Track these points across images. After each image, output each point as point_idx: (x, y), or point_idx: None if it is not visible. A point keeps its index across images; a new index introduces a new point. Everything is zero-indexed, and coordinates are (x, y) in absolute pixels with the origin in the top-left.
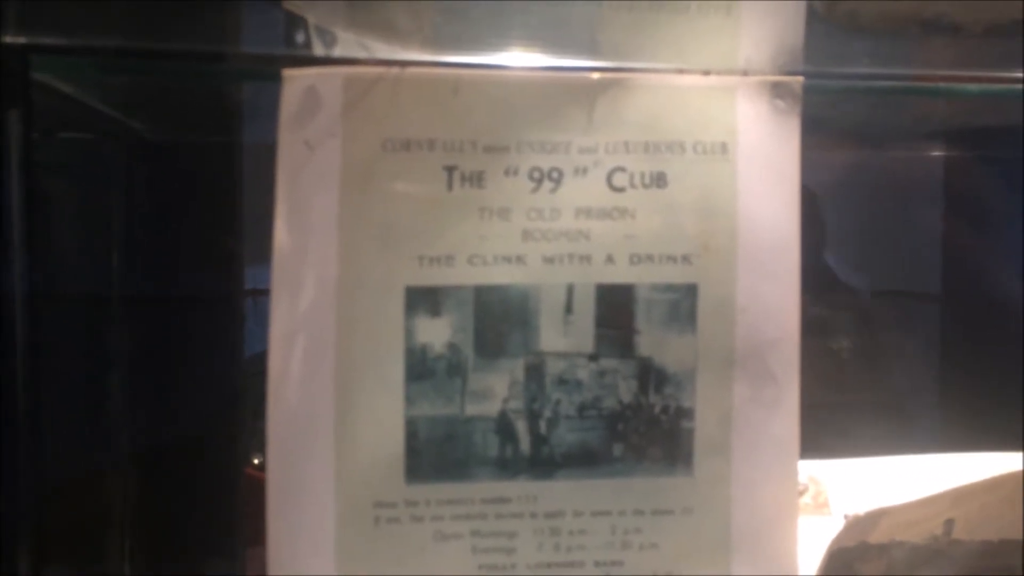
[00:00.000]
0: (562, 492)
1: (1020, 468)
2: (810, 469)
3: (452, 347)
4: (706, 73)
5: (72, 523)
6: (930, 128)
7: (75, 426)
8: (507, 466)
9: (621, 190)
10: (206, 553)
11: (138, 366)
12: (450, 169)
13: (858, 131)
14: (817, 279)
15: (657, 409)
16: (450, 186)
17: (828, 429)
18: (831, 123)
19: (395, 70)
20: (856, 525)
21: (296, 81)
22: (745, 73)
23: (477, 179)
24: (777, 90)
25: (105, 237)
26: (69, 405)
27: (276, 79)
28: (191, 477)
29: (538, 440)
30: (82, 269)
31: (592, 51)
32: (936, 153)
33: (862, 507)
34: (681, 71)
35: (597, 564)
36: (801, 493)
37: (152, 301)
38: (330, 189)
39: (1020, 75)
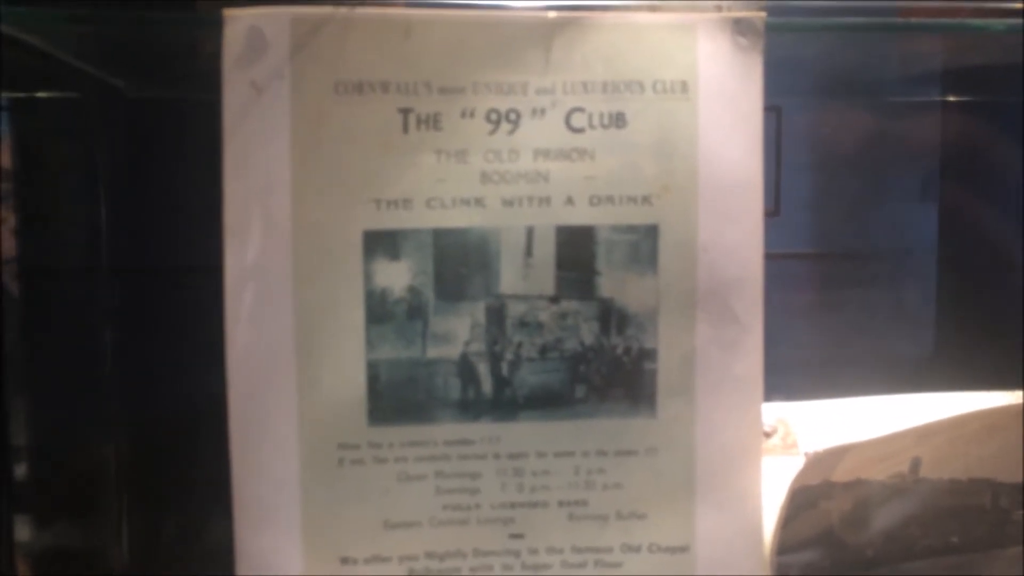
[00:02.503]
0: (525, 433)
1: (986, 406)
2: (779, 411)
3: (412, 290)
4: (665, 10)
5: (69, 486)
6: (918, 71)
7: (72, 395)
8: (469, 408)
9: (580, 131)
10: (202, 511)
11: (130, 333)
12: (405, 112)
13: (845, 77)
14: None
15: (619, 350)
16: (406, 129)
17: (818, 378)
18: (813, 68)
19: (344, 10)
20: (818, 463)
21: (239, 21)
22: (717, 9)
23: (433, 121)
24: (738, 26)
25: (92, 196)
26: (63, 373)
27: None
28: (186, 439)
29: (500, 382)
30: (71, 232)
31: None
32: (924, 98)
33: (827, 446)
34: (639, 8)
35: (561, 504)
36: (770, 435)
37: (142, 266)
38: (280, 132)
39: (1018, 6)
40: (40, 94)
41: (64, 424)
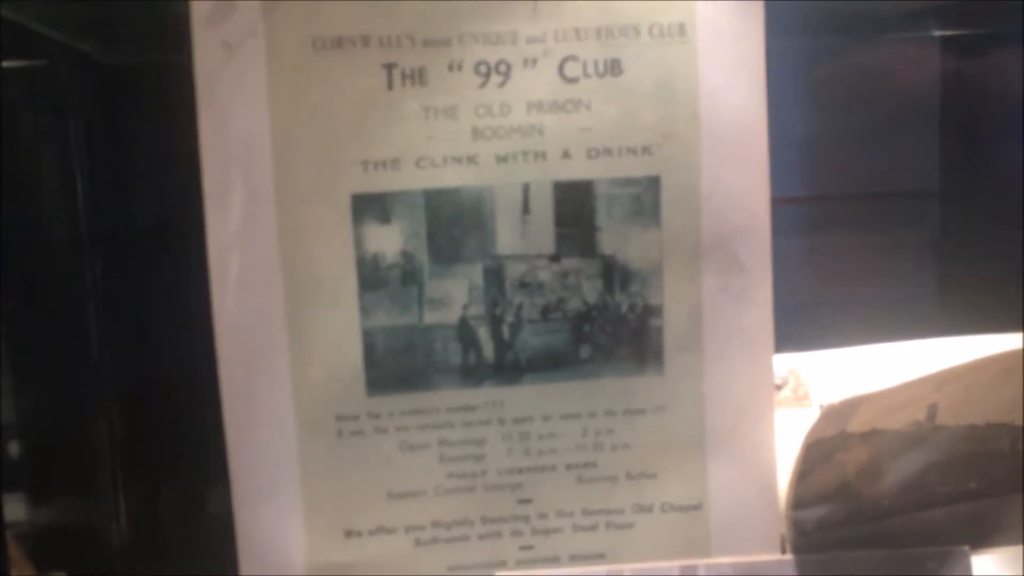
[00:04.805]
0: (529, 397)
1: (1004, 349)
2: (790, 362)
3: (405, 255)
4: None
5: (63, 463)
6: (920, 8)
7: (62, 369)
8: (471, 373)
9: (574, 80)
10: (200, 482)
11: (117, 303)
12: (389, 66)
13: (843, 17)
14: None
15: (624, 308)
16: (390, 84)
17: (826, 324)
18: (810, 10)
19: None
20: (832, 414)
21: None
22: None
23: (419, 76)
24: None
25: (68, 167)
26: (51, 348)
27: None
28: (180, 409)
29: (501, 345)
30: (49, 203)
31: None
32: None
33: (841, 397)
34: None
35: (569, 467)
36: (780, 387)
37: (123, 235)
38: (257, 93)
39: None
40: (8, 63)
41: (55, 399)
